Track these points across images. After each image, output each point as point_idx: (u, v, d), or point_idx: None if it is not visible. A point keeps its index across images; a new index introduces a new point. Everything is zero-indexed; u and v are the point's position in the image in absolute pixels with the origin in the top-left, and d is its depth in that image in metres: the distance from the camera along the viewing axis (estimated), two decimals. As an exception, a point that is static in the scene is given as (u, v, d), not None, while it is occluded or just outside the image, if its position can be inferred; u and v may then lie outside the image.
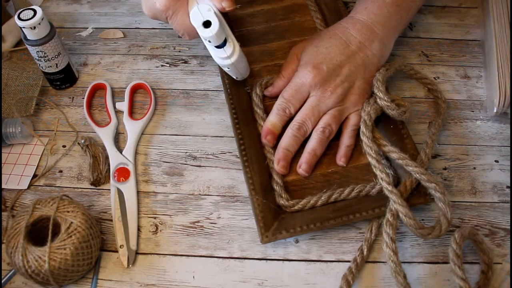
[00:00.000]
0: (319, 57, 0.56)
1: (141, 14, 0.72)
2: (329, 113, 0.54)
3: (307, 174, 0.53)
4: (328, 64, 0.55)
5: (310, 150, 0.53)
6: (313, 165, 0.53)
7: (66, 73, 0.62)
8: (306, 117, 0.54)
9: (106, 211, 0.53)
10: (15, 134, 0.56)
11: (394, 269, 0.45)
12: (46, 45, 0.57)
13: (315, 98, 0.54)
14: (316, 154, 0.53)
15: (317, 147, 0.53)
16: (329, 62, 0.55)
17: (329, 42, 0.56)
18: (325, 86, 0.54)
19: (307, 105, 0.55)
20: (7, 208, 0.53)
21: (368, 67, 0.56)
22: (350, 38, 0.56)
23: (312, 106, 0.54)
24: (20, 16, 0.54)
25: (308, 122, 0.54)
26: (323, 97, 0.54)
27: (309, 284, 0.48)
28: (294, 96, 0.55)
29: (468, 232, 0.48)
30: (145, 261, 0.49)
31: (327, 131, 0.54)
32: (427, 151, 0.53)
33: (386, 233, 0.47)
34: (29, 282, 0.48)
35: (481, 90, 0.62)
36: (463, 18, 0.71)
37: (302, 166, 0.53)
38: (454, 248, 0.46)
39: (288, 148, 0.53)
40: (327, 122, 0.54)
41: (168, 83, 0.64)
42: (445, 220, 0.47)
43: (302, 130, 0.54)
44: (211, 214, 0.52)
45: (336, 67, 0.55)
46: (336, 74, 0.55)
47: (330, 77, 0.54)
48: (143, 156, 0.57)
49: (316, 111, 0.54)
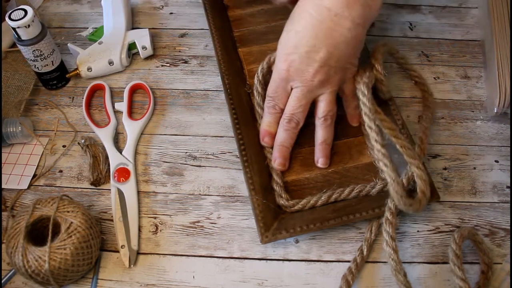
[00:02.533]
0: (289, 45, 0.51)
1: (141, 14, 0.72)
2: (324, 99, 0.52)
3: (327, 165, 0.53)
4: (300, 51, 0.50)
5: (321, 142, 0.53)
6: (329, 155, 0.54)
7: (62, 71, 0.62)
8: (294, 110, 0.52)
9: (106, 211, 0.53)
10: (16, 133, 0.56)
11: (394, 267, 0.45)
12: (41, 42, 0.57)
13: (298, 90, 0.52)
14: (328, 144, 0.53)
15: (326, 136, 0.53)
16: (301, 49, 0.50)
17: (298, 25, 0.50)
18: (302, 76, 0.51)
19: (292, 97, 0.53)
20: (7, 208, 0.53)
21: (351, 42, 0.50)
22: (322, 13, 0.49)
23: (298, 98, 0.52)
24: (11, 17, 0.54)
25: (297, 113, 0.52)
26: (306, 86, 0.51)
27: (309, 284, 0.48)
28: (277, 91, 0.53)
29: (467, 232, 0.48)
30: (145, 261, 0.49)
31: (329, 118, 0.53)
32: (422, 146, 0.52)
33: (385, 231, 0.47)
34: (29, 282, 0.48)
35: (481, 90, 0.62)
36: (463, 18, 0.71)
37: (319, 161, 0.53)
38: (454, 249, 0.46)
39: (283, 143, 0.53)
40: (325, 110, 0.52)
41: (168, 83, 0.64)
42: (424, 196, 0.47)
43: (293, 122, 0.53)
44: (211, 214, 0.52)
45: (309, 53, 0.50)
46: (311, 61, 0.50)
47: (305, 66, 0.50)
48: (143, 156, 0.57)
49: (303, 101, 0.52)
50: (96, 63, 0.63)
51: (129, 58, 0.65)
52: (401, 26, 0.69)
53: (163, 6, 0.73)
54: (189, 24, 0.70)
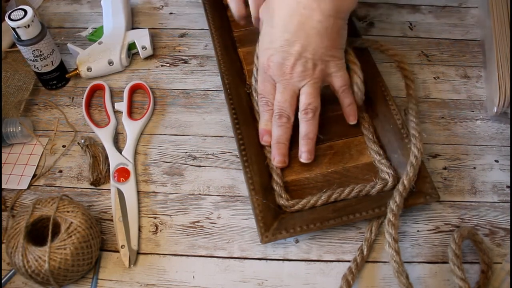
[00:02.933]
0: (266, 41, 0.53)
1: (141, 14, 0.72)
2: (304, 92, 0.52)
3: (310, 160, 0.53)
4: (275, 46, 0.51)
5: (303, 136, 0.53)
6: (312, 150, 0.53)
7: (61, 71, 0.62)
8: (281, 104, 0.53)
9: (106, 211, 0.53)
10: (16, 133, 0.56)
11: (396, 269, 0.45)
12: (41, 42, 0.57)
13: (280, 84, 0.53)
14: (310, 138, 0.53)
15: (308, 130, 0.53)
16: (275, 43, 0.51)
17: (274, 18, 0.52)
18: (281, 70, 0.52)
19: (277, 93, 0.53)
20: (7, 208, 0.53)
21: (324, 34, 0.50)
22: (292, 6, 0.50)
23: (281, 92, 0.53)
24: (11, 17, 0.54)
25: (285, 108, 0.53)
26: (285, 80, 0.52)
27: (309, 284, 0.48)
28: (265, 87, 0.54)
29: (467, 232, 0.48)
30: (145, 261, 0.49)
31: (309, 111, 0.52)
32: (418, 145, 0.52)
33: (388, 233, 0.47)
34: (29, 282, 0.48)
35: (481, 90, 0.62)
36: (463, 18, 0.71)
37: (302, 156, 0.53)
38: (454, 248, 0.46)
39: (279, 140, 0.53)
40: (305, 103, 0.52)
41: (168, 83, 0.64)
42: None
43: (284, 117, 0.53)
44: (211, 214, 0.52)
45: (284, 47, 0.51)
46: (287, 55, 0.51)
47: (282, 60, 0.51)
48: (143, 156, 0.57)
49: (287, 95, 0.52)
50: (96, 63, 0.63)
51: (129, 58, 0.65)
52: (401, 26, 0.69)
53: (163, 6, 0.73)
54: (189, 24, 0.70)
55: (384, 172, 0.52)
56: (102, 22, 0.67)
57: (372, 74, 0.59)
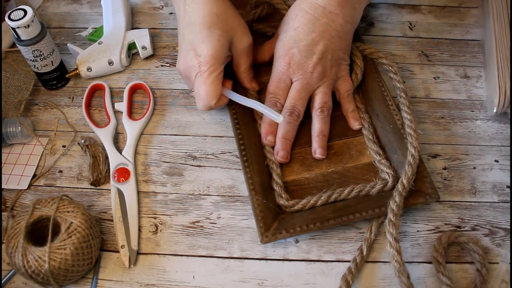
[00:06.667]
0: (289, 41, 0.55)
1: (140, 14, 0.72)
2: (320, 91, 0.55)
3: (324, 156, 0.54)
4: (299, 45, 0.54)
5: (318, 133, 0.54)
6: (326, 146, 0.54)
7: (61, 71, 0.62)
8: (294, 102, 0.54)
9: (106, 211, 0.53)
10: (16, 133, 0.56)
11: (398, 269, 0.45)
12: (41, 42, 0.57)
13: (298, 82, 0.54)
14: (324, 135, 0.55)
15: (322, 127, 0.55)
16: (300, 43, 0.54)
17: (296, 22, 0.55)
18: (303, 69, 0.54)
19: (292, 90, 0.55)
20: (7, 208, 0.53)
21: (343, 37, 0.55)
22: (318, 10, 0.54)
23: (298, 90, 0.54)
24: (11, 17, 0.54)
25: (297, 106, 0.54)
26: (305, 79, 0.54)
27: (309, 284, 0.48)
28: (278, 87, 0.55)
29: (448, 237, 0.48)
30: (145, 261, 0.49)
31: (325, 109, 0.55)
32: (414, 144, 0.51)
33: (389, 233, 0.47)
34: (29, 282, 0.48)
35: (481, 90, 0.62)
36: (463, 18, 0.71)
37: (317, 151, 0.54)
38: (435, 256, 0.47)
39: (286, 136, 0.54)
40: (322, 101, 0.55)
41: (168, 83, 0.64)
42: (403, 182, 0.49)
43: (294, 115, 0.54)
44: (211, 214, 0.52)
45: (308, 46, 0.54)
46: (311, 54, 0.54)
47: (305, 59, 0.54)
48: (143, 156, 0.57)
49: (303, 93, 0.54)
50: (96, 63, 0.63)
51: (129, 58, 0.65)
52: (401, 26, 0.69)
53: (163, 6, 0.73)
54: (189, 24, 0.70)
55: (384, 172, 0.52)
56: (102, 22, 0.67)
57: (372, 74, 0.59)
